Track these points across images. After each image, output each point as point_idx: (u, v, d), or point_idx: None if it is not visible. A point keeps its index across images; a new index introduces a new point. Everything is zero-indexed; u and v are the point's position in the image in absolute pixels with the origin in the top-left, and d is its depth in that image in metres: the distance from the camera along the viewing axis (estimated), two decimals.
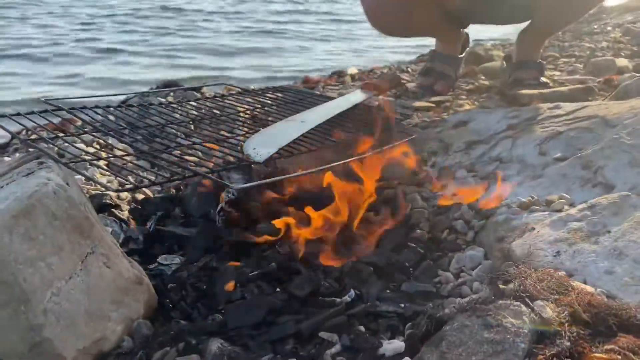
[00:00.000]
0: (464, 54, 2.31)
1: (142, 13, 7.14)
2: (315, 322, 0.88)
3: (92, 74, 3.96)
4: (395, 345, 0.81)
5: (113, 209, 1.31)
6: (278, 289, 0.98)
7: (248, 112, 1.52)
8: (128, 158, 1.28)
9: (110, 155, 1.21)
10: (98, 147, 1.57)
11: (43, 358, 0.78)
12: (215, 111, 1.52)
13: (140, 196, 1.43)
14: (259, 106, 1.58)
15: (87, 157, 1.10)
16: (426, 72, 2.24)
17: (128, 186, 1.09)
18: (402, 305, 0.92)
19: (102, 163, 1.16)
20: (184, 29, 6.15)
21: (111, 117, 1.38)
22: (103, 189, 1.37)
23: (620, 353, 0.67)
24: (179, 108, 1.50)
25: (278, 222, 1.08)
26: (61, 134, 1.25)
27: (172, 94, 2.27)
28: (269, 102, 1.63)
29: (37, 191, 0.80)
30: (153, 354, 0.84)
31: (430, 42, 2.30)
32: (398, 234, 1.16)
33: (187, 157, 1.17)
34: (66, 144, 1.22)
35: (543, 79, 2.05)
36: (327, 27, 6.74)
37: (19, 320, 0.76)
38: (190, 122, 1.42)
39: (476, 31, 2.42)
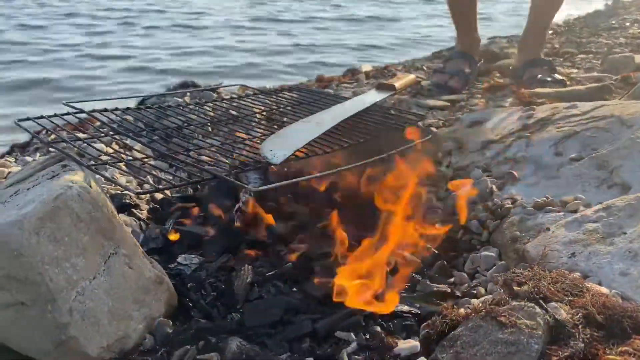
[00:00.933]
0: (481, 61, 2.33)
1: (158, 15, 7.20)
2: (331, 322, 0.89)
3: (109, 77, 4.02)
4: (410, 345, 0.83)
5: (133, 209, 1.34)
6: (295, 289, 1.00)
7: (264, 113, 1.54)
8: (147, 160, 1.30)
9: (130, 157, 1.24)
10: (117, 147, 1.60)
11: (68, 355, 0.81)
12: (231, 112, 1.54)
13: (159, 196, 1.46)
14: (275, 107, 1.60)
15: (107, 159, 1.12)
16: (441, 69, 2.25)
17: (148, 188, 1.11)
18: (417, 305, 0.94)
19: (122, 165, 1.18)
20: (195, 28, 6.21)
21: (130, 119, 1.40)
22: (123, 189, 1.40)
23: (635, 355, 0.68)
24: (196, 109, 1.53)
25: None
26: (81, 135, 1.28)
27: (188, 94, 2.30)
28: (284, 102, 1.65)
29: (62, 194, 0.83)
30: (174, 352, 0.86)
31: (442, 40, 2.30)
32: None
33: (205, 158, 1.19)
34: (85, 145, 1.25)
35: (557, 75, 2.04)
36: (338, 24, 6.74)
37: (46, 318, 0.79)
38: (208, 124, 1.44)
39: (489, 30, 2.43)
